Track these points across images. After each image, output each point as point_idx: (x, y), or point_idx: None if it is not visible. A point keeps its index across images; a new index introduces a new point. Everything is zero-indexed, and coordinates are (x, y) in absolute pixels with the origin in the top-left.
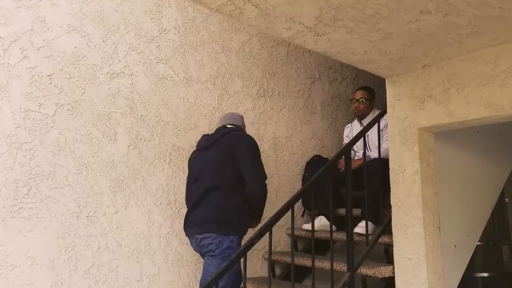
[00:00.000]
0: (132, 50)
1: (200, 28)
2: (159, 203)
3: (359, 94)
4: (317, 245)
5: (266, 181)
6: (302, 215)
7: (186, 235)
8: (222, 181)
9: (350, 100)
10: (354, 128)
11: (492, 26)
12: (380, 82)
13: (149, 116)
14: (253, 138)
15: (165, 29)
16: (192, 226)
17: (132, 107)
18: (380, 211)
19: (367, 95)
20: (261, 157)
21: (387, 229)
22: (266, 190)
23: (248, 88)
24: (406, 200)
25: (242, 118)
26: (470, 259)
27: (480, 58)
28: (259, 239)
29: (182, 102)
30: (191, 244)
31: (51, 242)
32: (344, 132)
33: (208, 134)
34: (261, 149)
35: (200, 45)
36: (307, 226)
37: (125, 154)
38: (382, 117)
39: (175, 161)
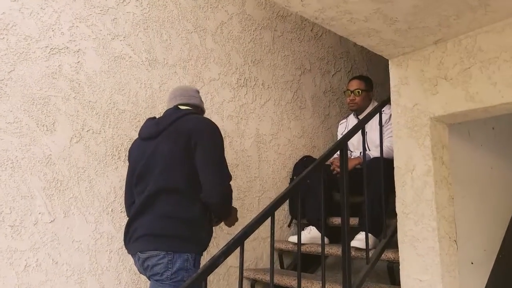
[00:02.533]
0: (80, 22)
1: (168, 2)
2: (110, 209)
3: (354, 84)
4: (307, 261)
5: (229, 184)
6: (289, 225)
7: (128, 252)
8: (174, 182)
9: (344, 92)
10: (350, 124)
11: None
12: (380, 81)
13: (99, 103)
14: (215, 124)
15: (124, 0)
16: (133, 241)
17: (78, 91)
18: (382, 221)
19: (364, 86)
20: (241, 157)
21: (392, 243)
22: (228, 197)
23: (226, 76)
24: (416, 207)
25: (198, 93)
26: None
27: (509, 28)
28: (225, 257)
29: (143, 88)
30: (135, 264)
31: None
32: (339, 129)
33: (154, 118)
34: (241, 147)
35: (168, 22)
36: (294, 239)
37: (67, 149)
38: (383, 107)
39: None
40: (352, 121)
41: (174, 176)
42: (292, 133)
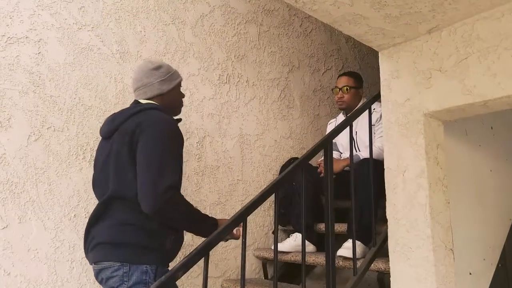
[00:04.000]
0: (42, 10)
1: None
2: (72, 215)
3: (342, 81)
4: (293, 271)
5: (170, 190)
6: (274, 232)
7: (89, 263)
8: (128, 187)
9: (332, 90)
10: (339, 123)
11: None
12: (373, 80)
13: (62, 97)
14: (167, 118)
15: None
16: (90, 249)
17: (38, 84)
18: (371, 227)
19: (353, 82)
20: (223, 158)
21: (382, 251)
22: (167, 208)
23: (207, 71)
24: (408, 212)
25: (158, 69)
26: None
27: (510, 13)
28: (185, 271)
29: (113, 82)
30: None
31: None
32: (327, 129)
33: (115, 114)
34: (223, 148)
35: (143, 13)
36: (279, 247)
37: (23, 147)
38: (373, 104)
39: None
40: (341, 120)
41: (126, 180)
42: (279, 133)
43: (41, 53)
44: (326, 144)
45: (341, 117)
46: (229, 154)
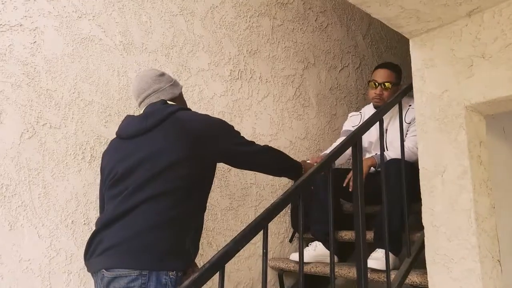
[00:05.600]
0: None
1: None
2: (69, 221)
3: (383, 75)
4: (312, 284)
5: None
6: (291, 240)
7: (88, 270)
8: (172, 184)
9: (369, 82)
10: (366, 117)
11: None
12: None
13: (60, 91)
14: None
15: None
16: (96, 255)
17: (33, 77)
18: (401, 235)
19: (395, 78)
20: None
21: (417, 263)
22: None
23: (217, 66)
24: (449, 218)
25: (163, 76)
26: None
27: None
28: (201, 284)
29: (116, 76)
30: (95, 287)
31: None
32: (346, 123)
33: (133, 116)
34: None
35: (148, 2)
36: (297, 256)
37: (16, 146)
38: (404, 96)
39: (101, 159)
40: (369, 113)
41: (172, 179)
42: (294, 134)
43: (36, 42)
44: (355, 140)
45: (368, 109)
46: None
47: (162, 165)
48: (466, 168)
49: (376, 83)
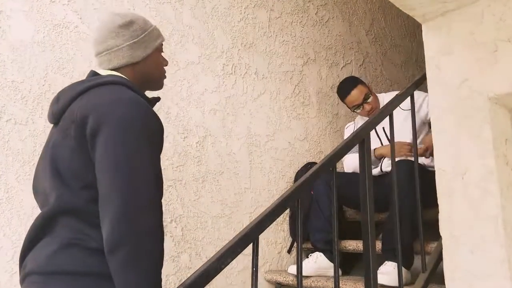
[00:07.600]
0: None
1: None
2: None
3: (358, 94)
4: None
5: (145, 211)
6: (289, 251)
7: None
8: (72, 198)
9: (354, 110)
10: (358, 126)
11: None
12: (396, 78)
13: (27, 84)
14: (136, 106)
15: None
16: (21, 280)
17: None
18: (412, 246)
19: (365, 86)
20: (227, 162)
21: (433, 278)
22: (135, 240)
23: (209, 60)
24: (472, 227)
25: (129, 27)
26: None
27: None
28: None
29: (92, 67)
30: None
31: None
32: (345, 134)
33: (63, 89)
34: (227, 150)
35: None
36: (295, 269)
37: None
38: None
39: None
40: (361, 122)
41: (72, 188)
42: (293, 134)
43: (1, 28)
44: (363, 136)
45: (360, 119)
46: (235, 158)
47: (61, 167)
48: (491, 169)
49: (360, 106)
